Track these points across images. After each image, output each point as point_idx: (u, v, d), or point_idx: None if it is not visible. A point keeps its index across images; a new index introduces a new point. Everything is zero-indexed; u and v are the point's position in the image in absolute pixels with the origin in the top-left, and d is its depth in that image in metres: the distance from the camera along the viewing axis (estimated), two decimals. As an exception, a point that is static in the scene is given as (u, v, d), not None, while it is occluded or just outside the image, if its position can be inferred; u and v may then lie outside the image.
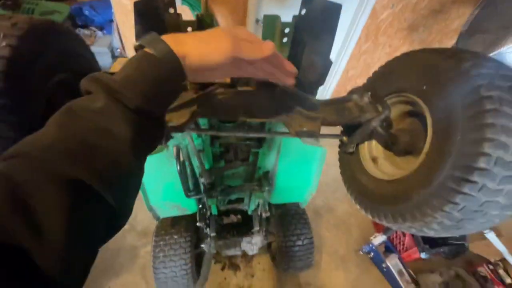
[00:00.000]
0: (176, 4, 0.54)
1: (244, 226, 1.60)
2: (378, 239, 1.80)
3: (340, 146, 0.66)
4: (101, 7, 2.95)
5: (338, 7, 0.54)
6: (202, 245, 1.52)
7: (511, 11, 1.79)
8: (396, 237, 1.88)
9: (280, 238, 1.52)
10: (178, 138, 0.89)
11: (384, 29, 2.19)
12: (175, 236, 1.39)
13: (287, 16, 0.59)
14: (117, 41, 2.90)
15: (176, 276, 1.38)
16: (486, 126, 0.35)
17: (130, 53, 2.50)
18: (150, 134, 0.35)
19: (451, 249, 1.71)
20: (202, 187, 1.11)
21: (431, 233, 0.46)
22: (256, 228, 1.52)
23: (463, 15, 2.17)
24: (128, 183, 0.34)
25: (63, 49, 0.46)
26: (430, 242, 1.76)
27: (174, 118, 0.51)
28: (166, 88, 0.36)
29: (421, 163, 0.44)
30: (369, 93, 0.55)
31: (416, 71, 0.48)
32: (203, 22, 0.57)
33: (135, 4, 0.47)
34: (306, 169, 1.14)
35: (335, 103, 0.58)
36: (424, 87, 0.46)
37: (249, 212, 1.59)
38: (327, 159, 2.60)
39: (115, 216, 0.32)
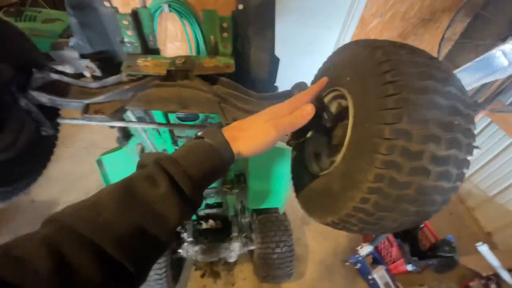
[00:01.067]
0: (164, 11, 0.55)
1: (223, 232, 1.57)
2: (365, 249, 1.74)
3: (287, 144, 0.65)
4: None
5: (272, 0, 0.54)
6: (179, 251, 1.49)
7: (502, 20, 1.78)
8: (384, 248, 1.81)
9: (258, 245, 1.48)
10: (139, 137, 0.88)
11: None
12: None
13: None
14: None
15: (149, 280, 1.35)
16: (387, 111, 0.34)
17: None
18: (188, 217, 0.41)
19: (441, 262, 1.63)
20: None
21: (354, 229, 0.44)
22: (235, 233, 1.49)
23: (454, 24, 2.16)
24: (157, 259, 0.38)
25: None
26: (419, 254, 1.69)
27: (104, 109, 0.51)
28: (216, 178, 0.42)
29: (342, 155, 0.43)
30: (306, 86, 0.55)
31: (344, 63, 0.48)
32: (139, 16, 0.57)
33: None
34: (278, 170, 1.12)
35: (275, 98, 0.57)
36: (348, 78, 0.45)
37: (230, 217, 1.56)
38: None
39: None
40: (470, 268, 1.72)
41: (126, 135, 0.85)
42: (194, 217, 1.47)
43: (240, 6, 0.56)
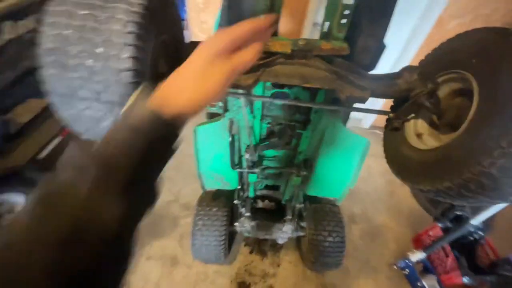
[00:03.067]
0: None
1: (277, 214, 1.67)
2: (417, 255, 1.70)
3: (386, 125, 0.70)
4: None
5: (396, -8, 0.60)
6: (236, 224, 1.63)
7: None
8: (438, 258, 1.74)
9: (311, 231, 1.54)
10: (233, 112, 1.01)
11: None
12: (214, 209, 1.52)
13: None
14: (188, 38, 3.27)
15: (210, 245, 1.50)
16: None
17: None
18: (142, 205, 0.35)
19: (500, 280, 1.52)
20: (245, 163, 1.22)
21: (469, 197, 0.48)
22: (289, 216, 1.57)
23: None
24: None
25: (168, 15, 0.60)
26: (476, 269, 1.60)
27: (242, 80, 0.62)
28: (159, 163, 0.36)
29: (465, 128, 0.48)
30: (419, 69, 0.60)
31: (467, 47, 0.52)
32: (275, 1, 0.67)
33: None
34: (347, 160, 1.17)
35: (385, 78, 0.64)
36: (474, 61, 0.49)
37: (283, 202, 1.65)
38: (371, 168, 2.56)
39: None
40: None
41: (225, 108, 0.98)
42: (252, 194, 1.58)
43: (364, -5, 0.63)
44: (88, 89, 0.45)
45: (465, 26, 1.83)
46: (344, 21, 0.66)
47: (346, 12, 0.65)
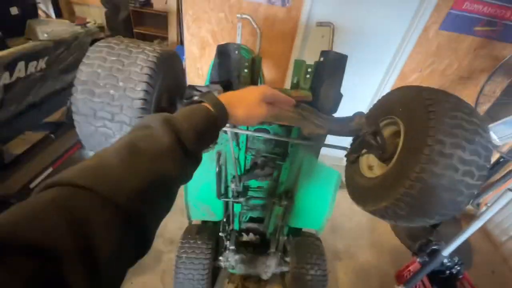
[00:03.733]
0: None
1: (261, 248, 1.70)
2: (399, 291, 1.72)
3: (346, 156, 0.84)
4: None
5: (345, 57, 0.79)
6: (220, 258, 1.64)
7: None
8: (420, 294, 1.76)
9: (294, 264, 1.57)
10: (221, 145, 1.14)
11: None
12: (199, 242, 1.55)
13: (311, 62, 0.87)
14: (187, 82, 3.55)
15: (193, 279, 1.49)
16: (429, 128, 0.54)
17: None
18: (189, 172, 0.42)
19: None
20: (230, 193, 1.31)
21: (404, 216, 0.60)
22: (272, 249, 1.61)
23: (493, 83, 2.29)
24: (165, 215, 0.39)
25: (174, 66, 0.77)
26: (458, 306, 1.62)
27: (226, 115, 0.76)
28: (213, 136, 0.47)
29: (396, 159, 0.62)
30: (366, 115, 0.76)
31: (397, 99, 0.69)
32: (255, 62, 0.86)
33: (218, 47, 0.79)
34: (322, 191, 1.28)
35: (341, 120, 0.79)
36: (400, 109, 0.66)
37: (268, 235, 1.70)
38: (353, 205, 2.68)
39: (146, 246, 0.34)
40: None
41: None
42: (237, 227, 1.63)
43: (321, 59, 0.82)
44: (106, 110, 0.59)
45: (424, 79, 2.15)
46: (308, 76, 0.84)
47: (309, 69, 0.83)
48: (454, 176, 0.52)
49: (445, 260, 1.63)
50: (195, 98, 0.47)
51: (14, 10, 2.22)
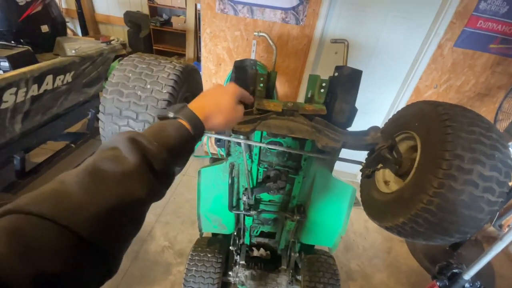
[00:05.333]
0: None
1: (272, 264, 1.66)
2: (417, 318, 1.61)
3: (361, 171, 0.84)
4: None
5: (360, 72, 0.81)
6: (230, 273, 1.61)
7: None
8: (440, 322, 1.64)
9: (306, 283, 1.52)
10: (234, 157, 1.16)
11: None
12: (209, 255, 1.54)
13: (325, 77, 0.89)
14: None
15: (202, 295, 1.47)
16: (447, 142, 0.53)
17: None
18: (160, 192, 0.39)
19: None
20: (242, 205, 1.31)
21: (422, 232, 0.58)
22: (283, 266, 1.57)
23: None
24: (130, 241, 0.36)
25: (193, 79, 0.81)
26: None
27: (242, 128, 0.78)
28: (188, 152, 0.45)
29: (413, 173, 0.61)
30: (382, 129, 0.76)
31: (413, 114, 0.69)
32: (270, 76, 0.89)
33: (235, 62, 0.82)
34: (336, 206, 1.26)
35: (356, 134, 0.80)
36: (416, 124, 0.66)
37: (279, 251, 1.66)
38: (367, 223, 2.62)
39: (110, 270, 0.33)
40: None
41: (228, 153, 1.14)
42: (247, 241, 1.61)
43: (336, 74, 0.84)
44: (132, 110, 0.64)
45: (440, 95, 2.12)
46: (322, 90, 0.86)
47: (323, 84, 0.85)
48: (474, 192, 0.51)
49: (467, 285, 1.53)
50: (170, 114, 0.44)
51: (44, 28, 2.41)
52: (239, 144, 1.07)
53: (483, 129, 0.54)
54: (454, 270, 1.70)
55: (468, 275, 1.32)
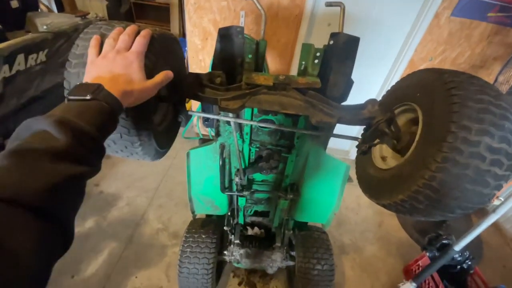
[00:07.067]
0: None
1: (266, 241, 1.67)
2: (407, 286, 1.68)
3: (357, 147, 0.80)
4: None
5: (357, 40, 0.73)
6: (225, 252, 1.62)
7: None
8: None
9: (300, 259, 1.54)
10: (224, 137, 1.10)
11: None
12: (203, 236, 1.53)
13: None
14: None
15: (197, 273, 1.47)
16: (453, 113, 0.49)
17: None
18: (96, 164, 0.40)
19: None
20: (235, 186, 1.27)
21: (421, 209, 0.55)
22: (278, 244, 1.58)
23: (509, 71, 2.19)
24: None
25: (172, 49, 0.72)
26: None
27: (230, 104, 0.72)
28: (113, 125, 0.46)
29: (413, 148, 0.57)
30: (379, 102, 0.71)
31: (414, 84, 0.64)
32: (259, 46, 0.81)
33: (220, 30, 0.74)
34: (329, 184, 1.24)
35: (352, 108, 0.74)
36: (418, 95, 0.61)
37: (273, 229, 1.67)
38: (359, 198, 2.64)
39: (67, 240, 0.35)
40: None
41: (217, 133, 1.08)
42: (241, 220, 1.60)
43: (331, 42, 0.76)
44: None
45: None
46: (316, 61, 0.79)
47: (318, 54, 0.78)
48: (481, 166, 0.47)
49: (456, 255, 1.58)
50: (88, 97, 0.42)
51: (14, 4, 2.19)
52: (228, 123, 1.00)
53: (492, 97, 0.49)
54: (444, 241, 1.76)
55: (458, 247, 1.35)
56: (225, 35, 0.75)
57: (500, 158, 0.47)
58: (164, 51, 0.62)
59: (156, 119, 0.72)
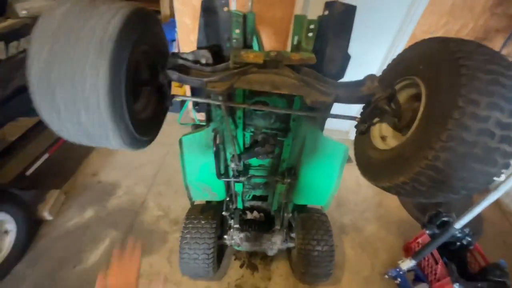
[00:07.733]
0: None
1: (266, 225, 1.67)
2: (407, 263, 1.70)
3: (355, 127, 0.75)
4: (166, 29, 3.50)
5: (353, 9, 0.67)
6: (225, 236, 1.62)
7: None
8: (429, 265, 1.74)
9: (300, 241, 1.54)
10: (217, 122, 1.05)
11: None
12: (203, 221, 1.52)
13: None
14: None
15: (198, 259, 1.48)
16: (460, 86, 0.44)
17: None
18: None
19: (491, 286, 1.53)
20: (231, 172, 1.24)
21: (423, 191, 0.52)
22: (277, 226, 1.58)
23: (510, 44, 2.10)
24: None
25: (147, 26, 0.65)
26: (467, 277, 1.60)
27: (217, 86, 0.67)
28: None
29: (415, 126, 0.52)
30: (379, 77, 0.66)
31: (416, 55, 0.58)
32: (247, 19, 0.74)
33: (202, 2, 0.67)
34: (328, 166, 1.20)
35: (350, 85, 0.69)
36: (421, 67, 0.55)
37: (272, 212, 1.66)
38: (359, 178, 2.61)
39: None
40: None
41: (209, 118, 1.03)
42: (240, 205, 1.59)
43: (326, 12, 0.70)
44: None
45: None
46: (310, 34, 0.73)
47: (312, 26, 0.71)
48: (489, 143, 0.43)
49: (457, 232, 1.58)
50: None
51: (-9, -12, 2.05)
52: (219, 106, 0.95)
53: (503, 67, 0.44)
54: (444, 219, 1.75)
55: (459, 225, 1.34)
56: (209, 8, 0.68)
57: (510, 134, 0.43)
58: (141, 28, 0.56)
59: (138, 106, 0.67)
